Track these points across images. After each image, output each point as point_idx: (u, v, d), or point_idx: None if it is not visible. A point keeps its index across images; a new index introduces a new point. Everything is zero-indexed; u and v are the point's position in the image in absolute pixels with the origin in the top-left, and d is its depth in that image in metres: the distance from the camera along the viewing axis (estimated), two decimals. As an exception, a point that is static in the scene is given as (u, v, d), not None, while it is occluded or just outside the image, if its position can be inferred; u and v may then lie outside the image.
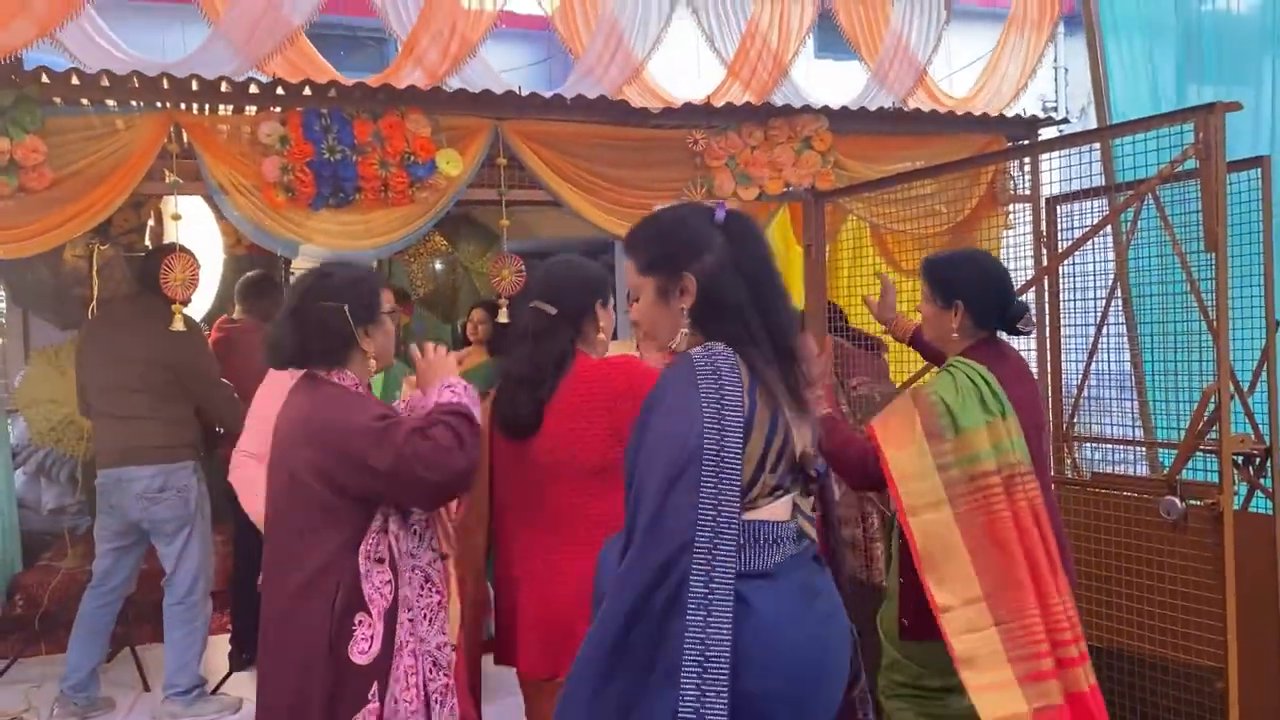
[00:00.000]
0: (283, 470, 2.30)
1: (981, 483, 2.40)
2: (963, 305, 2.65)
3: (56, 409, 5.09)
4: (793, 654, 1.82)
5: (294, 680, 2.22)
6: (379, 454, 2.18)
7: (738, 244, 1.89)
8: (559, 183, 3.87)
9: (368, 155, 3.61)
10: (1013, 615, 2.35)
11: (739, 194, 4.05)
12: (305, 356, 2.34)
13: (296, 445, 2.26)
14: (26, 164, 3.25)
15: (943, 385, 2.51)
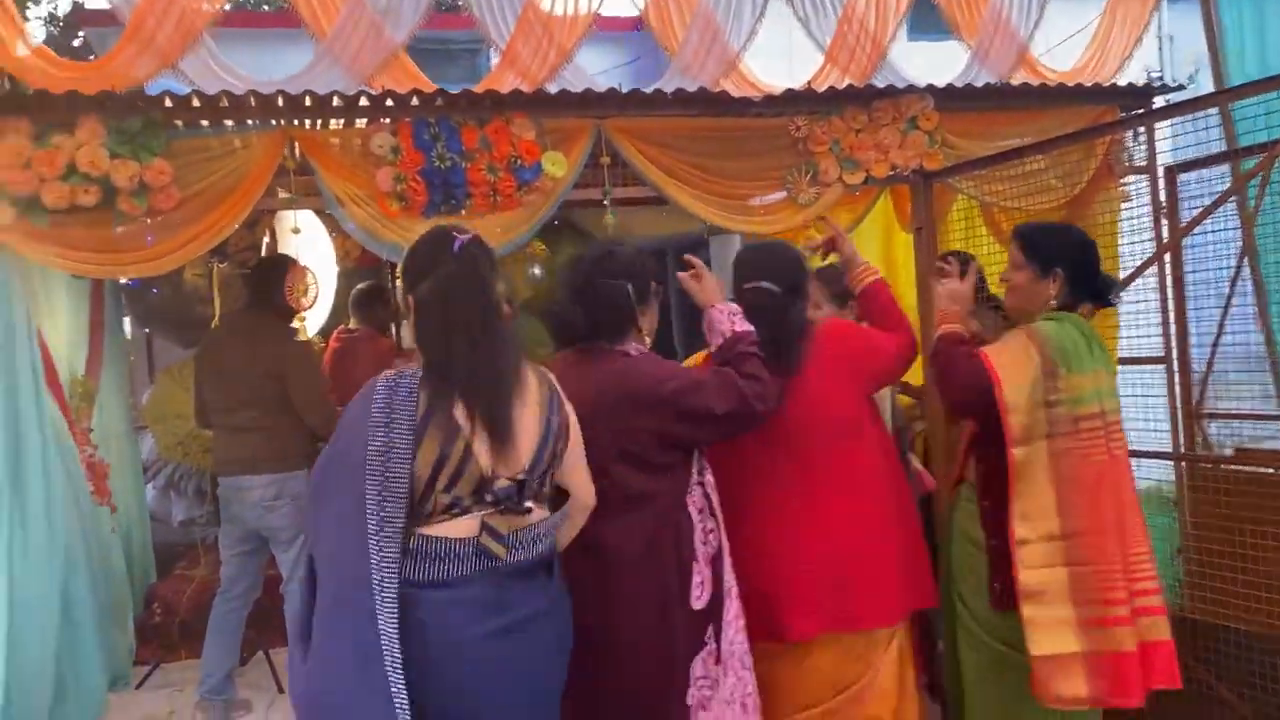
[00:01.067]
0: (590, 433, 2.31)
1: (1085, 424, 2.51)
2: (1062, 273, 2.71)
3: (183, 424, 5.28)
4: (456, 663, 1.92)
5: (653, 631, 2.32)
6: (721, 400, 2.35)
7: (460, 272, 2.04)
8: (662, 177, 3.87)
9: (476, 161, 3.65)
10: (1091, 559, 2.44)
11: (844, 178, 4.00)
12: (595, 332, 2.44)
13: (618, 414, 2.35)
14: (155, 185, 3.37)
15: (1053, 329, 2.62)
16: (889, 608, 2.67)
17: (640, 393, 2.36)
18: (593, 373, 2.43)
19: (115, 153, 3.32)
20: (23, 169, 3.26)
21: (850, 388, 2.74)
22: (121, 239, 3.47)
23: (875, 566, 2.64)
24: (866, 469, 2.71)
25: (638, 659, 2.33)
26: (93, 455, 4.29)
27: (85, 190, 3.31)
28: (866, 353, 2.80)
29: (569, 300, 2.46)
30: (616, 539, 2.35)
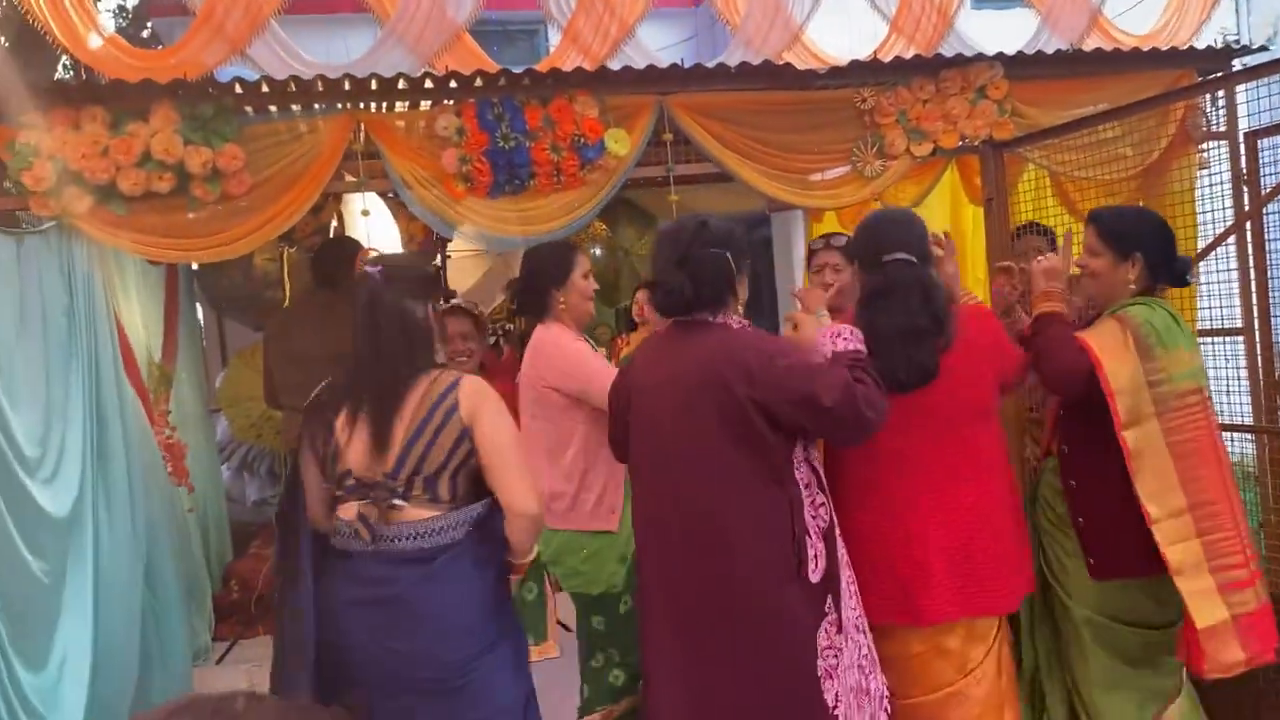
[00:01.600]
0: (695, 413, 2.35)
1: (1189, 399, 2.59)
2: (1141, 257, 2.75)
3: (255, 406, 5.40)
4: (332, 621, 2.35)
5: (770, 603, 2.32)
6: (829, 391, 2.27)
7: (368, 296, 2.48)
8: (725, 153, 3.84)
9: (539, 140, 3.66)
10: (1215, 527, 2.54)
11: (912, 150, 3.93)
12: (698, 303, 2.43)
13: (726, 387, 2.32)
14: (228, 171, 3.43)
15: (1143, 311, 2.67)
16: (1011, 591, 2.68)
17: (751, 366, 2.32)
18: (698, 344, 2.42)
19: (188, 139, 3.38)
20: (100, 157, 3.33)
21: (988, 371, 2.69)
22: (195, 224, 3.54)
23: (999, 552, 2.64)
24: (992, 455, 2.70)
25: (764, 633, 2.33)
26: (170, 437, 4.40)
27: (160, 176, 3.37)
28: (1001, 345, 2.76)
29: (671, 271, 2.42)
30: (729, 513, 2.34)
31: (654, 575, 2.50)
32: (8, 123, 3.32)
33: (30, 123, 3.31)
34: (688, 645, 2.39)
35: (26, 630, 3.13)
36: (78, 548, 3.40)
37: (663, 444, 2.45)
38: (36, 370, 3.34)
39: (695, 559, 2.38)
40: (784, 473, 2.37)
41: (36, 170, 3.30)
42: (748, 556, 2.33)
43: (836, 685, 2.36)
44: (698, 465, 2.38)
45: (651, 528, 2.51)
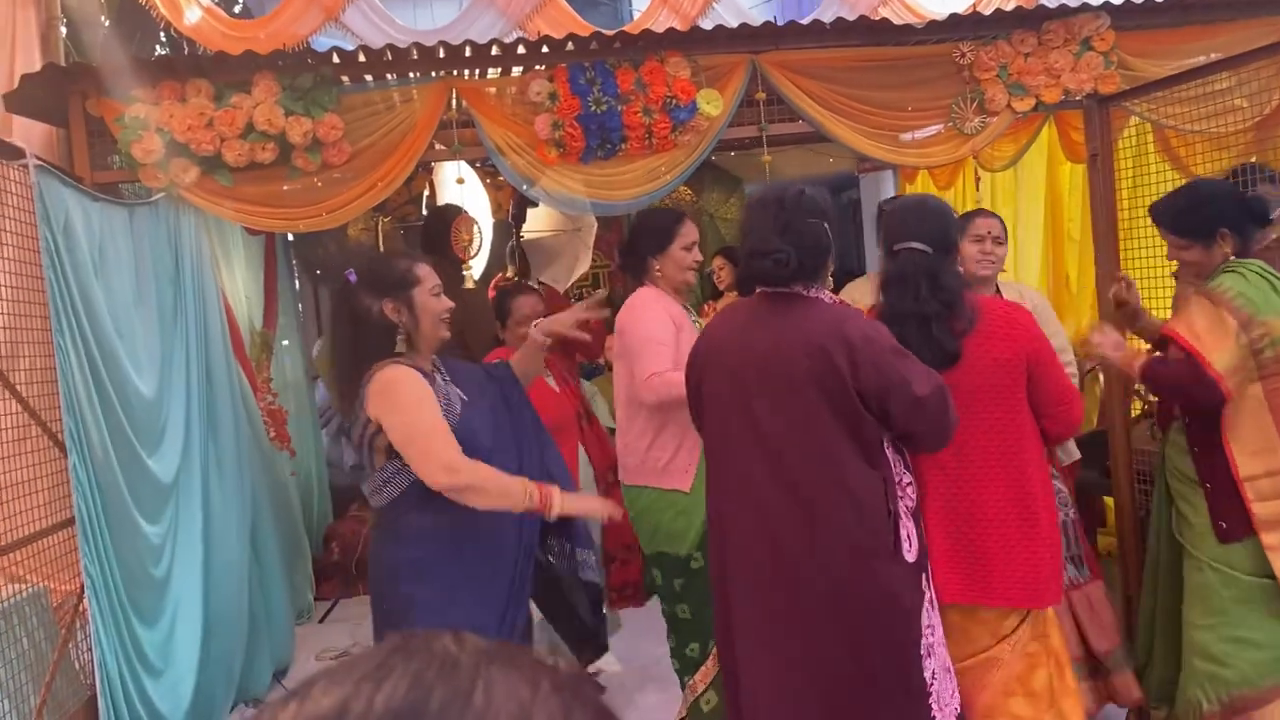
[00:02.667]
0: (793, 387, 2.33)
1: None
2: (1229, 232, 2.80)
3: (351, 373, 5.50)
4: None
5: (873, 584, 2.31)
6: (922, 382, 2.27)
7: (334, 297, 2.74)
8: (820, 111, 3.77)
9: (631, 104, 3.64)
10: None
11: (1013, 105, 3.81)
12: (800, 274, 2.39)
13: (826, 359, 2.28)
14: (328, 141, 3.48)
15: (1235, 281, 2.72)
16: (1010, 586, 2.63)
17: (854, 343, 2.27)
18: (796, 317, 2.36)
19: (289, 110, 3.44)
20: (206, 128, 3.41)
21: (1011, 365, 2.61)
22: (296, 194, 3.61)
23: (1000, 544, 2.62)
24: (1008, 447, 2.63)
25: (868, 613, 2.30)
26: (272, 403, 4.53)
27: (263, 147, 3.44)
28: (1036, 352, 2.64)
29: (773, 240, 2.35)
30: (826, 490, 2.31)
31: (736, 549, 2.45)
32: (116, 97, 3.42)
33: (138, 97, 3.40)
34: (776, 621, 2.36)
35: (141, 589, 3.27)
36: (187, 511, 3.53)
37: (750, 417, 2.40)
38: (152, 337, 3.45)
39: (787, 534, 2.34)
40: (877, 451, 2.33)
41: (145, 143, 3.39)
42: (844, 533, 2.30)
43: (934, 663, 2.36)
44: (792, 440, 2.34)
45: (733, 502, 2.46)
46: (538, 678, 0.44)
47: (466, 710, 0.41)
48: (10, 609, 2.87)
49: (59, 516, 3.07)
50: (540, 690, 0.43)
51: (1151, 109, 3.86)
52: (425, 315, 2.60)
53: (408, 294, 2.59)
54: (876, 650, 2.30)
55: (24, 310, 3.01)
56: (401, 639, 0.46)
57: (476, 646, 0.46)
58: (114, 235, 3.31)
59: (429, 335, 2.62)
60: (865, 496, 2.30)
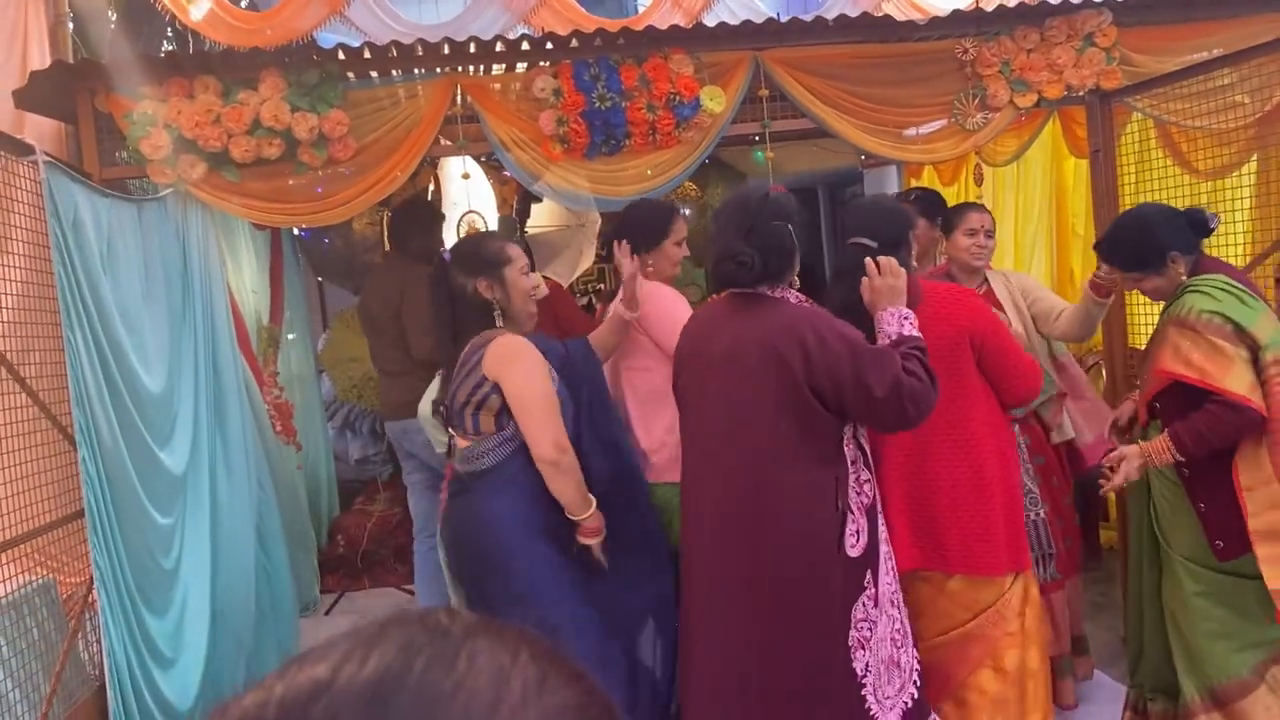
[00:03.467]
0: (750, 386, 2.40)
1: (1271, 371, 2.61)
2: (1177, 254, 2.83)
3: (357, 367, 5.55)
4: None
5: (807, 575, 2.38)
6: (880, 378, 2.30)
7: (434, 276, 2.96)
8: (823, 108, 3.79)
9: (635, 100, 3.66)
10: None
11: (1015, 101, 3.83)
12: (765, 275, 2.46)
13: (780, 361, 2.36)
14: (333, 136, 3.51)
15: (1203, 301, 2.70)
16: (967, 554, 2.78)
17: (808, 344, 2.34)
18: (757, 318, 2.44)
19: (296, 106, 3.46)
20: (213, 125, 3.44)
21: (954, 343, 2.75)
22: (302, 189, 3.64)
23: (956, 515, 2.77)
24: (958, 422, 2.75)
25: (799, 603, 2.38)
26: (279, 397, 4.56)
27: (270, 143, 3.47)
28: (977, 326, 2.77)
29: (738, 243, 2.43)
30: (775, 487, 2.38)
31: (695, 542, 2.55)
32: (125, 93, 3.45)
33: (146, 93, 3.43)
34: (725, 612, 2.44)
35: (150, 581, 3.30)
36: (195, 503, 3.56)
37: (712, 415, 2.49)
38: (160, 332, 3.48)
39: (737, 530, 2.42)
40: (832, 450, 2.40)
41: (154, 139, 3.42)
42: (789, 530, 2.37)
43: (867, 656, 2.41)
44: (747, 438, 2.42)
45: (695, 496, 2.55)
46: (519, 647, 0.47)
47: (448, 675, 0.44)
48: (20, 600, 2.91)
49: (68, 509, 3.11)
50: (519, 658, 0.46)
51: (1153, 105, 3.88)
52: (516, 292, 2.82)
53: (500, 272, 2.82)
54: (806, 638, 2.38)
55: (34, 305, 3.04)
56: (399, 612, 0.50)
57: (467, 619, 0.49)
58: (123, 231, 3.34)
59: (521, 310, 2.84)
60: (810, 493, 2.37)
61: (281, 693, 0.44)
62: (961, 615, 2.81)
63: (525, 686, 0.45)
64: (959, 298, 2.84)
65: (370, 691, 0.43)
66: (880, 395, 2.29)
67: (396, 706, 0.43)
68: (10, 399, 2.89)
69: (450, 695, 0.43)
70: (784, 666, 2.38)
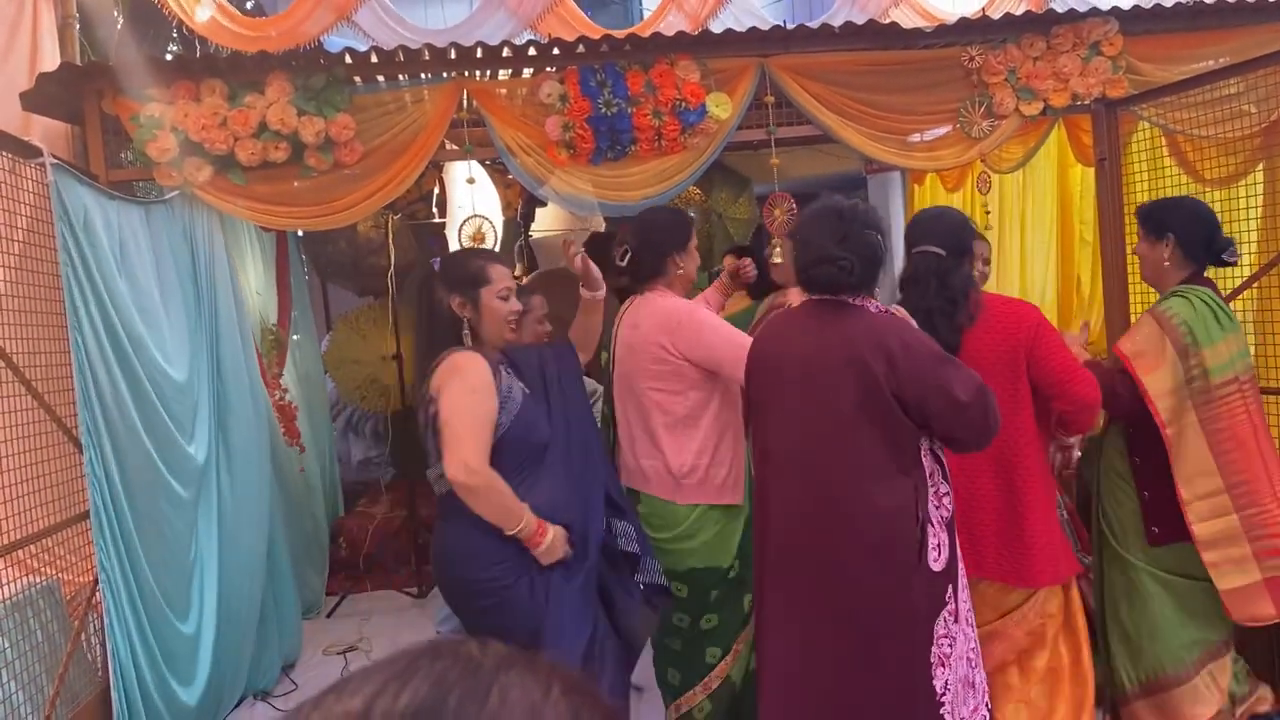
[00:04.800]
0: (834, 394, 2.38)
1: (1222, 391, 2.85)
2: (1174, 238, 3.01)
3: (360, 369, 5.55)
4: None
5: (891, 588, 2.35)
6: (965, 388, 2.32)
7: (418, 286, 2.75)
8: (828, 115, 3.80)
9: (641, 106, 3.66)
10: (1251, 503, 2.83)
11: (1021, 109, 3.83)
12: (857, 284, 2.45)
13: (865, 368, 2.34)
14: (340, 140, 3.52)
15: (1180, 306, 2.92)
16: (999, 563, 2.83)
17: (894, 351, 2.33)
18: (841, 325, 2.42)
19: (302, 110, 3.47)
20: (219, 128, 3.45)
21: (1010, 357, 2.79)
22: (308, 192, 3.64)
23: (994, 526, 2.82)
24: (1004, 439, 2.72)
25: (882, 617, 2.35)
26: (282, 399, 4.56)
27: (276, 146, 3.48)
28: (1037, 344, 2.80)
29: (835, 248, 2.42)
30: (857, 497, 2.36)
31: (775, 553, 2.50)
32: (132, 96, 3.46)
33: (153, 96, 3.44)
34: (805, 623, 2.41)
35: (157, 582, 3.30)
36: (205, 504, 3.57)
37: (792, 422, 2.46)
38: (180, 328, 3.49)
39: (819, 539, 2.39)
40: (911, 461, 2.38)
41: (160, 142, 3.43)
42: (873, 542, 2.34)
43: (947, 674, 2.38)
44: (828, 446, 2.39)
45: (774, 507, 2.51)
46: (551, 681, 0.47)
47: (482, 710, 0.44)
48: (24, 601, 2.91)
49: (72, 511, 3.11)
50: (552, 693, 0.46)
51: (1160, 114, 3.88)
52: (489, 316, 2.72)
53: (475, 292, 2.72)
54: (887, 653, 2.34)
55: (39, 308, 3.05)
56: (432, 644, 0.50)
57: (499, 652, 0.49)
58: (134, 232, 3.35)
59: (492, 334, 2.73)
60: (894, 503, 2.34)
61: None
62: (988, 615, 2.85)
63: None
64: (1018, 311, 2.86)
65: None
66: (966, 400, 2.30)
67: None
68: (14, 402, 2.89)
69: None
70: (865, 682, 2.35)
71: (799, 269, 2.53)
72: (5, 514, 2.77)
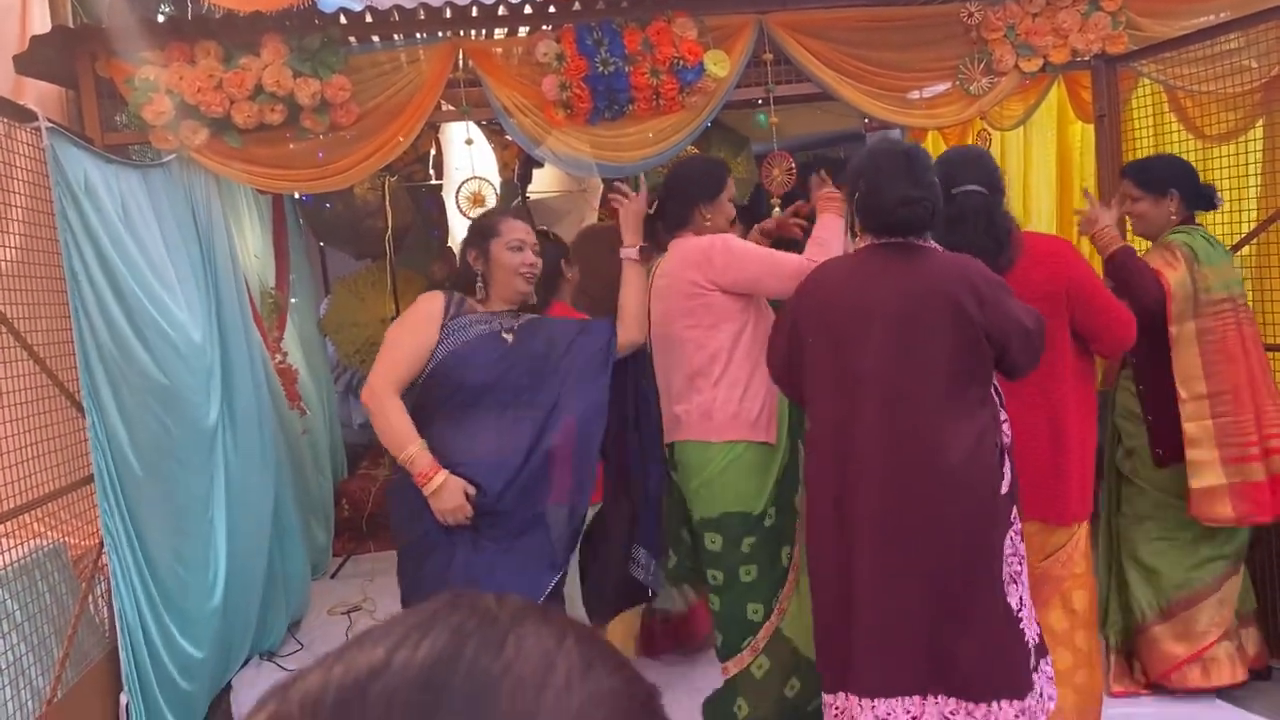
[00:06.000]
0: (921, 332, 2.44)
1: (1217, 307, 3.16)
2: (1177, 193, 3.30)
3: (360, 332, 5.56)
4: None
5: (978, 515, 2.44)
6: (1030, 316, 2.46)
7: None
8: (826, 72, 3.77)
9: (639, 64, 3.64)
10: (1227, 412, 3.14)
11: (1020, 66, 3.81)
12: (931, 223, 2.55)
13: (956, 304, 2.40)
14: (336, 102, 3.50)
15: (1181, 236, 3.25)
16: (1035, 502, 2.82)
17: (979, 286, 2.41)
18: (920, 265, 2.48)
19: (297, 71, 3.45)
20: (215, 90, 3.42)
21: (1051, 295, 2.81)
22: (305, 155, 3.63)
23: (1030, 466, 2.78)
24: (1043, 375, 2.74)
25: (972, 548, 2.43)
26: (282, 362, 4.58)
27: (272, 109, 3.46)
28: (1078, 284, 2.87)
29: (913, 189, 2.47)
30: (944, 432, 2.41)
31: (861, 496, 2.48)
32: (126, 59, 3.43)
33: (148, 58, 3.42)
34: (891, 555, 2.43)
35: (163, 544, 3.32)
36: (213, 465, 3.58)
37: (873, 365, 2.46)
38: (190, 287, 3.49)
39: (899, 477, 2.43)
40: (988, 393, 2.48)
41: (156, 105, 3.41)
42: (964, 474, 2.41)
43: (1020, 590, 2.49)
44: (919, 387, 2.43)
45: (841, 446, 2.50)
46: (564, 632, 0.49)
47: (497, 659, 0.46)
48: (31, 565, 2.94)
49: (77, 475, 3.14)
50: (565, 643, 0.48)
51: (1160, 70, 3.86)
52: (498, 267, 2.81)
53: (486, 245, 2.82)
54: (977, 581, 2.43)
55: (38, 272, 3.05)
56: (451, 596, 0.52)
57: (515, 604, 0.51)
58: (134, 195, 3.33)
59: (502, 285, 2.82)
60: (979, 435, 2.43)
61: (340, 674, 0.47)
62: (1034, 559, 2.85)
63: (570, 670, 0.47)
64: (1058, 250, 2.96)
65: (424, 675, 0.46)
66: (1031, 327, 2.43)
67: (448, 689, 0.45)
68: (16, 367, 2.90)
69: (499, 678, 0.46)
70: (956, 609, 2.42)
71: (869, 212, 2.54)
72: (10, 478, 2.79)
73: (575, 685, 0.46)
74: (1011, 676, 2.42)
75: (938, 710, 2.44)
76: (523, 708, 0.44)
